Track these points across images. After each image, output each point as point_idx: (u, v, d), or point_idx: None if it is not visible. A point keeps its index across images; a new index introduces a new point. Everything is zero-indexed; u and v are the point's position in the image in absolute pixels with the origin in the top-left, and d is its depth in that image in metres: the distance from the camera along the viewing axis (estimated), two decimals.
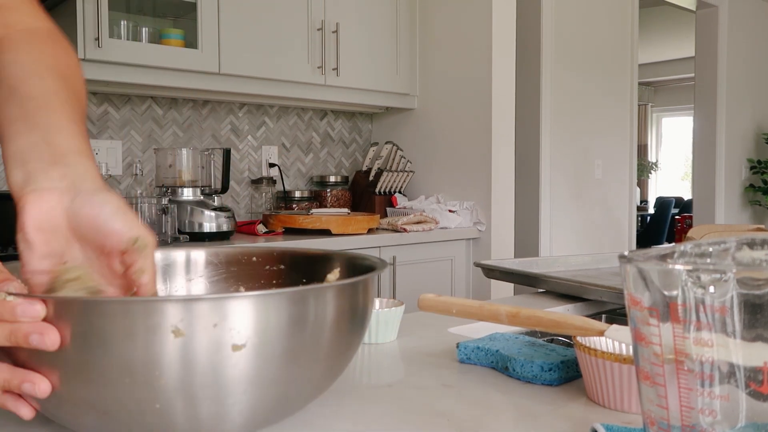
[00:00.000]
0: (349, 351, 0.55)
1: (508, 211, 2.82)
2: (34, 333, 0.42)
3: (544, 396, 0.64)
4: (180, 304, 0.43)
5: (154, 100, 2.61)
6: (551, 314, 0.64)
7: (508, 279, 1.20)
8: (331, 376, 0.54)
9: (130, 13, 2.46)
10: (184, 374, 0.44)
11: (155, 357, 0.43)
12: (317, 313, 0.49)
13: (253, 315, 0.45)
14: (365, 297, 0.55)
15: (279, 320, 0.46)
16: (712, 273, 0.36)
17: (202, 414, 0.46)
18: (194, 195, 2.30)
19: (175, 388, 0.44)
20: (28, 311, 0.42)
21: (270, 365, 0.47)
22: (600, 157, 3.95)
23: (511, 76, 2.82)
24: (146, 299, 0.46)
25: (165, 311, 0.43)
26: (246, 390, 0.46)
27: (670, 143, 11.08)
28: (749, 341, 0.36)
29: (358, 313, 0.54)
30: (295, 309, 0.47)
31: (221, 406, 0.46)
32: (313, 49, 2.62)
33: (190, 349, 0.43)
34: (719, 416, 0.37)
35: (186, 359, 0.44)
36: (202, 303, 0.44)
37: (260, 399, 0.48)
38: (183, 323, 0.43)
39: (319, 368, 0.51)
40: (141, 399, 0.44)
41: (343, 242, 2.32)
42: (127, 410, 0.45)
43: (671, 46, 8.49)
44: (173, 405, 0.45)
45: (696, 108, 5.09)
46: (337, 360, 0.53)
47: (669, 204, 7.59)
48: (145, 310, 0.43)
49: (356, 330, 0.54)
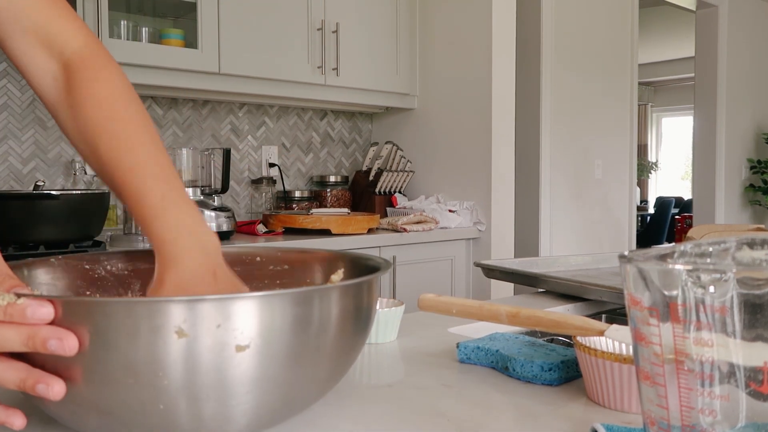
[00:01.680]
0: (353, 352, 0.55)
1: (508, 211, 2.82)
2: (52, 338, 0.42)
3: (544, 396, 0.64)
4: (183, 305, 0.43)
5: (154, 100, 2.61)
6: (551, 314, 0.64)
7: (508, 279, 1.20)
8: (335, 376, 0.54)
9: (130, 13, 2.46)
10: (187, 375, 0.44)
11: (159, 358, 0.43)
12: (321, 313, 0.49)
13: (257, 316, 0.45)
14: (369, 297, 0.55)
15: (283, 321, 0.46)
16: (712, 273, 0.36)
17: (205, 415, 0.46)
18: (194, 195, 2.30)
19: (178, 388, 0.44)
20: (37, 313, 0.42)
21: (274, 366, 0.47)
22: (600, 157, 3.95)
23: (511, 76, 2.83)
24: (150, 300, 0.46)
25: (169, 312, 0.43)
26: (249, 391, 0.46)
27: (670, 143, 11.08)
28: (749, 341, 0.36)
29: (362, 314, 0.54)
30: (299, 310, 0.47)
31: (225, 407, 0.46)
32: (313, 49, 2.62)
33: (194, 350, 0.44)
34: (719, 416, 0.37)
35: (189, 360, 0.44)
36: (205, 303, 0.44)
37: (264, 400, 0.48)
38: (186, 324, 0.43)
39: (323, 369, 0.51)
40: (144, 399, 0.44)
41: (343, 242, 2.33)
42: (131, 410, 0.45)
43: (671, 46, 8.49)
44: (176, 405, 0.45)
45: (696, 108, 5.09)
46: (341, 361, 0.53)
47: (669, 204, 7.58)
48: (148, 310, 0.43)
49: (360, 330, 0.54)
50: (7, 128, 2.33)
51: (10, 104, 2.33)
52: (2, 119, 2.32)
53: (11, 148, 2.33)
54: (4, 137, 2.32)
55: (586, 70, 3.81)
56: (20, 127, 2.35)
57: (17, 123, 2.35)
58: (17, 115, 2.35)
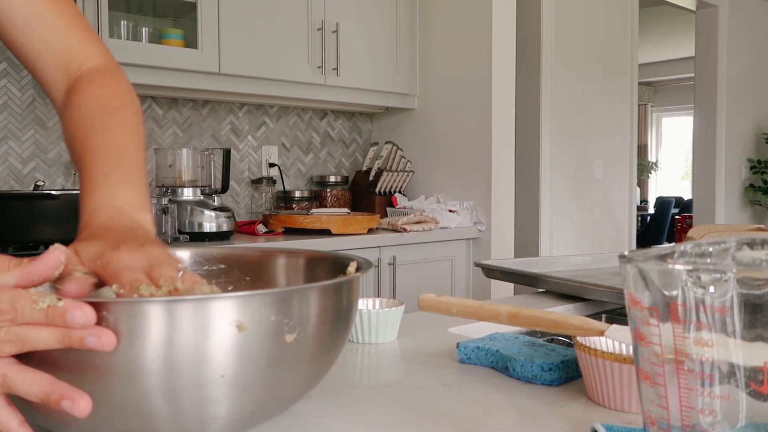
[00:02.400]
0: (332, 353, 0.54)
1: (508, 211, 2.82)
2: (90, 335, 0.41)
3: (544, 396, 0.64)
4: (163, 305, 0.43)
5: (154, 100, 2.61)
6: (551, 314, 0.64)
7: (508, 279, 1.20)
8: (315, 378, 0.54)
9: (130, 13, 2.46)
10: (166, 375, 0.44)
11: (138, 358, 0.43)
12: (302, 313, 0.48)
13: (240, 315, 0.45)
14: (349, 297, 0.55)
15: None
16: (712, 273, 0.36)
17: (185, 417, 0.46)
18: (194, 195, 2.30)
19: (158, 388, 0.44)
20: (77, 318, 0.41)
21: (252, 367, 0.46)
22: (600, 157, 3.95)
23: (511, 76, 2.83)
24: (195, 297, 0.45)
25: (147, 313, 0.43)
26: (228, 391, 0.46)
27: (670, 143, 11.08)
28: (749, 341, 0.36)
29: (342, 314, 0.53)
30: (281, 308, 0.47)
31: (204, 406, 0.46)
32: (313, 49, 2.62)
33: (171, 351, 0.43)
34: (719, 416, 0.37)
35: (167, 361, 0.43)
36: (184, 304, 0.44)
37: (243, 401, 0.47)
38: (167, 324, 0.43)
39: (303, 369, 0.51)
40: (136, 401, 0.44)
41: (343, 242, 2.32)
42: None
43: (671, 46, 8.49)
44: (155, 407, 0.45)
45: (696, 108, 5.09)
46: (320, 362, 0.53)
47: (669, 204, 7.58)
48: (199, 307, 0.44)
49: (341, 331, 0.54)
50: (7, 128, 2.33)
51: (10, 104, 2.33)
52: (2, 119, 2.32)
53: (11, 148, 2.33)
54: (4, 137, 2.32)
55: (586, 70, 3.81)
56: (20, 127, 2.35)
57: (17, 123, 2.35)
58: (17, 115, 2.34)
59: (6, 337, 0.42)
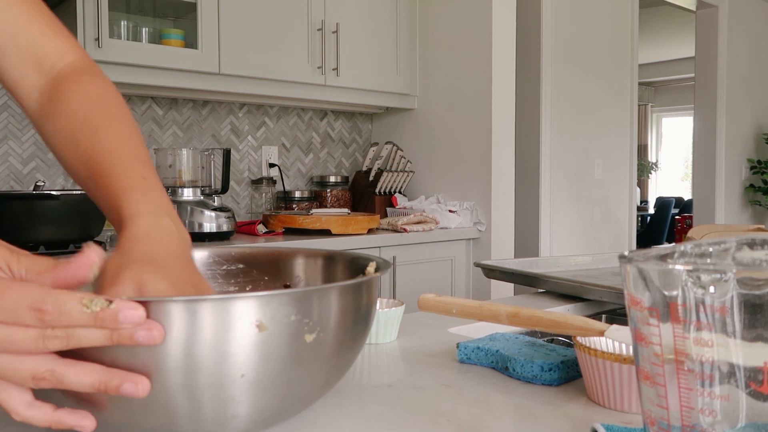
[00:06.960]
0: (351, 352, 0.55)
1: (508, 211, 2.82)
2: (141, 330, 0.41)
3: (544, 396, 0.64)
4: (185, 304, 0.43)
5: (154, 100, 2.61)
6: (551, 314, 0.64)
7: (508, 279, 1.20)
8: (334, 378, 0.54)
9: (130, 13, 2.46)
10: (187, 374, 0.44)
11: (161, 356, 0.43)
12: (321, 313, 0.49)
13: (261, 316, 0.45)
14: (369, 297, 0.55)
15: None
16: (712, 273, 0.36)
17: (205, 415, 0.46)
18: (194, 195, 2.30)
19: (180, 386, 0.44)
20: (129, 317, 0.41)
21: (273, 366, 0.47)
22: (600, 157, 3.95)
23: (511, 76, 2.83)
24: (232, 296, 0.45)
25: (170, 311, 0.43)
26: (248, 390, 0.46)
27: (670, 143, 11.08)
28: (749, 341, 0.36)
29: (361, 314, 0.54)
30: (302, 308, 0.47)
31: (225, 405, 0.46)
32: (313, 50, 2.62)
33: (193, 350, 0.44)
34: (719, 416, 0.37)
35: (189, 359, 0.44)
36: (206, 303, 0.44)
37: (263, 400, 0.48)
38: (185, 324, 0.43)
39: (322, 370, 0.51)
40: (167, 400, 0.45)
41: (343, 242, 2.32)
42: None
43: (671, 46, 8.49)
44: (177, 404, 0.45)
45: (696, 108, 5.09)
46: (340, 362, 0.53)
47: (669, 204, 7.59)
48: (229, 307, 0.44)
49: (360, 331, 0.54)
50: (7, 128, 2.33)
51: (10, 104, 2.33)
52: (2, 119, 2.32)
53: (11, 148, 2.33)
54: (5, 137, 2.32)
55: (586, 70, 3.81)
56: (20, 128, 2.35)
57: (17, 123, 2.35)
58: (17, 115, 2.34)
59: (52, 333, 0.41)
